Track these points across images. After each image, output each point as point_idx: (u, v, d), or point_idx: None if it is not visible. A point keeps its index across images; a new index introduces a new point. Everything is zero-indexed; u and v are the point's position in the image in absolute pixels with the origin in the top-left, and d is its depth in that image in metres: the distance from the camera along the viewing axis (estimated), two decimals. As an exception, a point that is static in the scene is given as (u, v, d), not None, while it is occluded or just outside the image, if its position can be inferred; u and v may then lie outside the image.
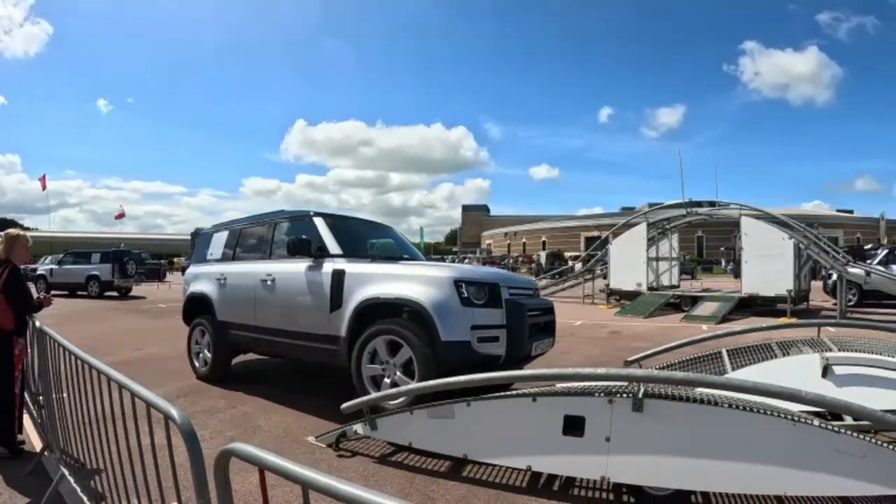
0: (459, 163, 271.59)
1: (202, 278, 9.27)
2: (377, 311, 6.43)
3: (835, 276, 18.94)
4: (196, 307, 9.25)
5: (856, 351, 6.17)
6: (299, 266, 7.26)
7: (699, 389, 4.62)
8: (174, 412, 2.61)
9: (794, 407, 4.34)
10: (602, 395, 4.31)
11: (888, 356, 5.92)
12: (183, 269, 58.55)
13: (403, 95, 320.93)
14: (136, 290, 32.08)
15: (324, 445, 5.52)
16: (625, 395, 4.21)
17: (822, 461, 3.76)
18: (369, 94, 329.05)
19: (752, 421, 3.98)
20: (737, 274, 23.99)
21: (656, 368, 6.72)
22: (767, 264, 18.69)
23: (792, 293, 18.09)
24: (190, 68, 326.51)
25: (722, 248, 65.88)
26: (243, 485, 4.31)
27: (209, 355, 8.70)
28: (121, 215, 75.83)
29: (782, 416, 3.97)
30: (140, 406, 3.04)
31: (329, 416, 6.17)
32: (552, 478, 4.71)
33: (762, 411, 4.02)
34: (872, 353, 6.07)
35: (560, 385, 5.23)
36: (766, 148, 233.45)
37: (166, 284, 40.45)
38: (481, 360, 5.91)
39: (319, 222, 7.51)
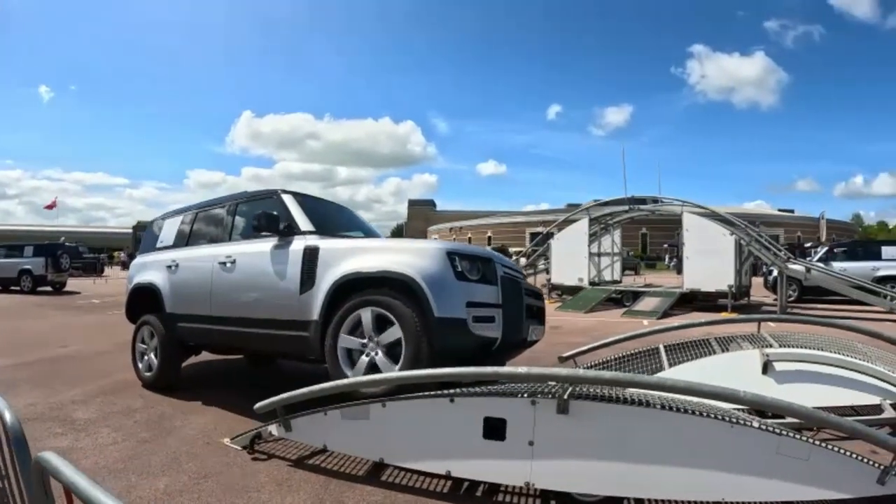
0: (407, 157, 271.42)
1: (149, 267, 8.05)
2: (357, 289, 5.48)
3: (775, 272, 18.97)
4: (142, 301, 8.00)
5: (796, 347, 6.01)
6: (264, 245, 6.27)
7: (631, 389, 4.26)
8: (7, 415, 2.24)
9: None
10: (525, 395, 3.93)
11: (829, 352, 5.78)
12: (123, 264, 57.82)
13: (352, 89, 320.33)
14: (73, 284, 30.50)
15: (239, 448, 5.09)
16: (549, 396, 3.84)
17: (763, 465, 3.48)
18: (318, 86, 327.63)
19: (686, 423, 3.65)
20: (679, 270, 24.00)
21: (591, 365, 6.50)
22: (709, 260, 18.60)
23: (733, 288, 18.07)
24: (135, 56, 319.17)
25: (665, 245, 66.53)
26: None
27: (155, 358, 7.47)
28: (51, 205, 71.73)
29: (719, 417, 3.66)
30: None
31: (250, 417, 5.65)
32: (475, 483, 4.31)
33: (697, 412, 3.70)
34: (813, 348, 5.92)
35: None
36: (711, 149, 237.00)
37: (103, 279, 39.49)
38: (477, 344, 5.18)
39: (289, 199, 6.53)
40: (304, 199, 6.68)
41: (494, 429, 3.91)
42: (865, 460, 3.49)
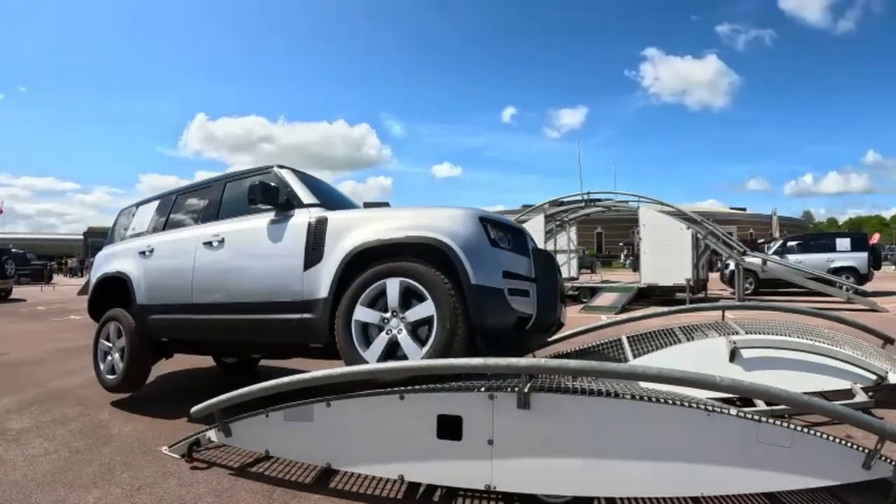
0: (362, 160, 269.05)
1: (118, 256, 7.05)
2: (380, 258, 4.71)
3: (732, 266, 18.91)
4: (108, 294, 7.02)
5: (763, 333, 5.79)
6: (260, 221, 5.49)
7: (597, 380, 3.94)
8: None
9: (703, 395, 3.75)
10: (481, 390, 3.54)
11: (796, 338, 5.61)
12: (71, 271, 56.52)
13: (307, 91, 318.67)
14: (19, 292, 29.66)
15: (177, 456, 4.63)
16: (508, 390, 3.47)
17: (743, 455, 3.22)
18: (272, 88, 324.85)
19: (659, 413, 3.32)
20: (635, 268, 23.93)
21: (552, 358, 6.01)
22: (666, 254, 18.39)
23: (691, 282, 17.88)
24: (86, 58, 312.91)
25: (621, 244, 66.82)
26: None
27: (118, 359, 6.59)
28: None
29: (693, 405, 3.34)
30: None
31: (194, 422, 5.16)
32: (433, 487, 3.91)
33: (670, 401, 3.37)
34: (780, 335, 5.75)
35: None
36: (664, 150, 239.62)
37: (51, 286, 38.21)
38: (514, 320, 4.54)
39: (286, 173, 5.78)
40: (302, 175, 5.94)
41: (449, 427, 3.54)
42: (850, 445, 3.26)
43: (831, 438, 3.28)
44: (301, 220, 5.21)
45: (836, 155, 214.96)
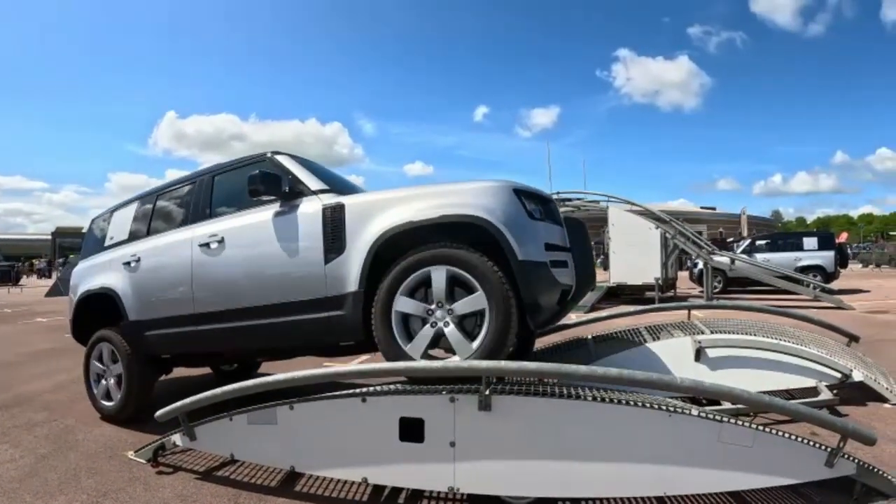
0: (334, 159, 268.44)
1: (99, 269, 6.32)
2: (405, 246, 4.29)
3: (701, 265, 18.89)
4: (94, 312, 6.36)
5: (728, 333, 5.74)
6: (262, 214, 4.91)
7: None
8: None
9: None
10: (443, 393, 3.47)
11: (761, 337, 5.58)
12: (39, 272, 55.66)
13: (279, 89, 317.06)
14: None
15: (143, 461, 4.51)
16: (469, 392, 3.40)
17: (705, 454, 3.20)
18: (243, 86, 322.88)
19: (621, 414, 3.28)
20: (605, 267, 23.93)
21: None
22: (635, 254, 18.35)
23: (660, 281, 17.88)
24: (55, 55, 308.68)
25: (591, 243, 67.06)
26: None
27: (114, 384, 5.93)
28: None
29: (655, 406, 3.29)
30: None
31: (158, 427, 4.85)
32: (398, 489, 3.84)
33: (632, 402, 3.32)
34: (745, 334, 5.71)
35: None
36: (636, 149, 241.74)
37: (19, 288, 38.08)
38: (560, 294, 4.25)
39: (285, 160, 5.16)
40: (301, 160, 5.33)
41: (412, 430, 3.47)
42: (812, 443, 3.25)
43: (794, 437, 3.25)
44: (312, 208, 4.67)
45: (806, 155, 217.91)
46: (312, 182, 4.88)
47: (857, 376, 5.35)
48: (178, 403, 4.22)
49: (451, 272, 4.00)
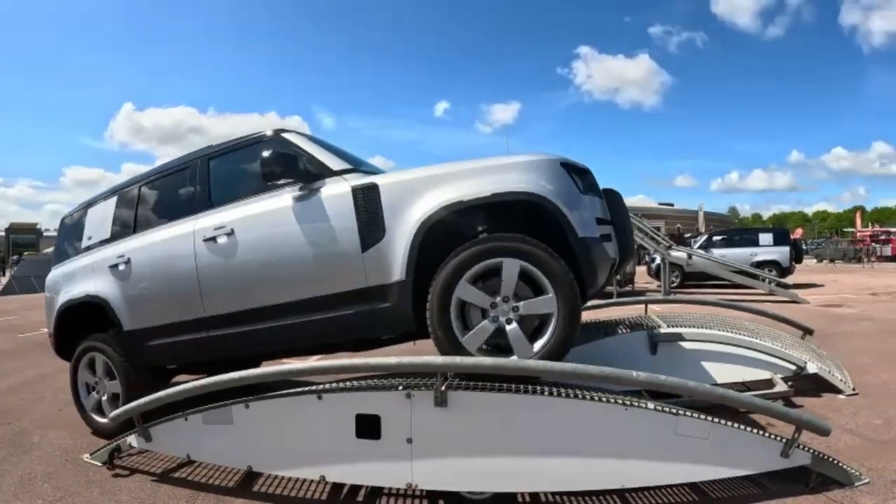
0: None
1: (81, 275, 5.54)
2: (456, 225, 3.97)
3: (658, 260, 18.89)
4: (79, 323, 5.59)
5: (685, 327, 5.70)
6: (278, 201, 4.35)
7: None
8: None
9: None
10: (399, 389, 3.38)
11: (717, 330, 5.60)
12: None
13: (238, 82, 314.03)
14: None
15: (99, 464, 4.35)
16: (425, 388, 3.32)
17: (662, 447, 3.21)
18: (202, 78, 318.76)
19: (577, 409, 3.27)
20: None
21: None
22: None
23: (618, 276, 17.70)
24: (4, 42, 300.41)
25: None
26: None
27: (107, 400, 5.26)
28: None
29: (611, 400, 3.27)
30: None
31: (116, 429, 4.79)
32: (357, 487, 3.75)
33: (588, 397, 3.30)
34: (701, 327, 5.69)
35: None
36: (595, 146, 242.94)
37: None
38: (610, 267, 4.11)
39: (295, 137, 4.61)
40: (311, 137, 4.75)
41: (368, 427, 3.37)
42: (767, 435, 3.31)
43: (749, 429, 3.27)
44: (338, 190, 4.17)
45: (762, 154, 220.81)
46: (333, 161, 4.39)
47: (812, 368, 5.39)
48: (133, 404, 4.09)
49: (524, 268, 3.67)
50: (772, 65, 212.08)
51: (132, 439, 4.19)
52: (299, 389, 3.71)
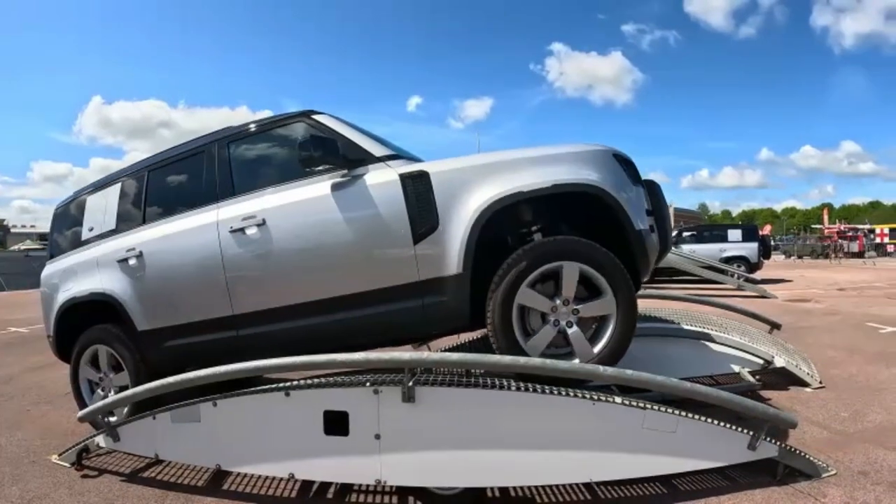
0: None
1: (84, 270, 5.05)
2: (514, 216, 3.91)
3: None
4: (82, 323, 5.09)
5: (651, 321, 5.75)
6: (315, 189, 4.02)
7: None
8: None
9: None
10: (366, 385, 3.32)
11: (685, 324, 5.67)
12: None
13: (208, 76, 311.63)
14: None
15: (68, 465, 4.23)
16: (392, 384, 3.26)
17: (630, 441, 3.20)
18: (172, 72, 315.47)
19: (545, 403, 3.22)
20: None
21: (445, 350, 5.63)
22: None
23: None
24: None
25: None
26: None
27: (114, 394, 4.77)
28: None
29: (579, 395, 3.24)
30: None
31: (83, 428, 4.68)
32: (326, 483, 3.69)
33: (556, 391, 3.25)
34: (668, 322, 5.76)
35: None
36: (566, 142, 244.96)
37: None
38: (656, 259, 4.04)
39: (330, 121, 4.23)
40: (344, 120, 4.36)
41: (336, 423, 3.30)
42: (734, 428, 3.29)
43: (717, 422, 3.26)
44: (385, 178, 3.89)
45: (732, 152, 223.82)
46: (374, 147, 4.09)
47: (779, 362, 5.41)
48: (101, 403, 4.00)
49: (584, 271, 3.59)
50: (744, 64, 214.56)
51: (100, 439, 4.08)
52: (267, 387, 3.63)
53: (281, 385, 3.54)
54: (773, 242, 37.20)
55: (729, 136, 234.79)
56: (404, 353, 3.33)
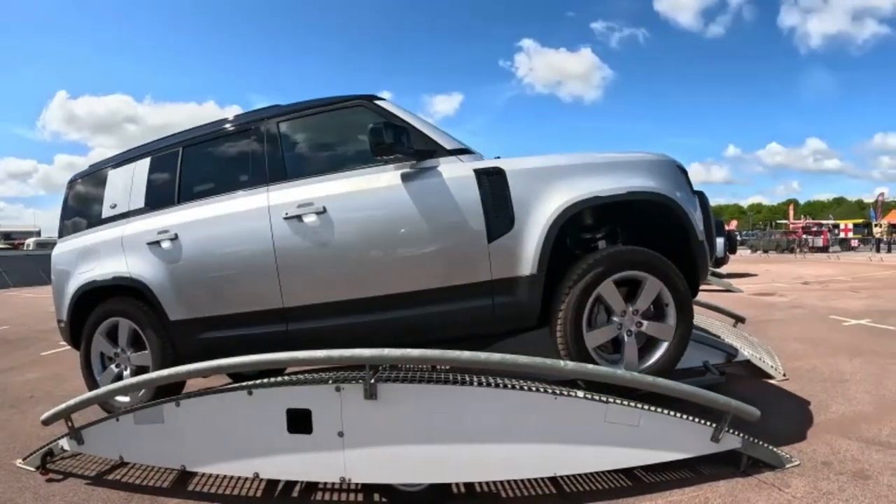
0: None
1: (106, 250, 4.55)
2: (588, 221, 3.92)
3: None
4: (93, 308, 4.68)
5: None
6: (383, 178, 3.79)
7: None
8: None
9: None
10: (329, 382, 3.26)
11: None
12: None
13: (175, 70, 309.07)
14: None
15: (32, 469, 4.08)
16: (355, 381, 3.21)
17: (593, 435, 3.19)
18: (138, 66, 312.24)
19: (507, 398, 3.20)
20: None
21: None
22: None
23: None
24: None
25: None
26: None
27: (130, 374, 4.54)
28: None
29: (541, 389, 3.21)
30: None
31: (50, 432, 4.41)
32: (292, 482, 3.62)
33: (518, 386, 3.23)
34: None
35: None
36: (536, 138, 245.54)
37: None
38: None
39: (391, 106, 3.98)
40: (404, 109, 4.06)
41: (299, 421, 3.23)
42: (697, 420, 3.29)
43: (678, 415, 3.25)
44: (460, 172, 3.71)
45: (700, 147, 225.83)
46: (443, 139, 3.88)
47: (744, 355, 5.44)
48: (64, 405, 3.87)
49: (662, 292, 3.63)
50: (712, 62, 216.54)
51: (64, 442, 3.95)
52: (229, 385, 3.58)
53: (243, 384, 3.47)
54: (739, 237, 37.46)
55: (697, 132, 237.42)
56: (365, 351, 3.24)
